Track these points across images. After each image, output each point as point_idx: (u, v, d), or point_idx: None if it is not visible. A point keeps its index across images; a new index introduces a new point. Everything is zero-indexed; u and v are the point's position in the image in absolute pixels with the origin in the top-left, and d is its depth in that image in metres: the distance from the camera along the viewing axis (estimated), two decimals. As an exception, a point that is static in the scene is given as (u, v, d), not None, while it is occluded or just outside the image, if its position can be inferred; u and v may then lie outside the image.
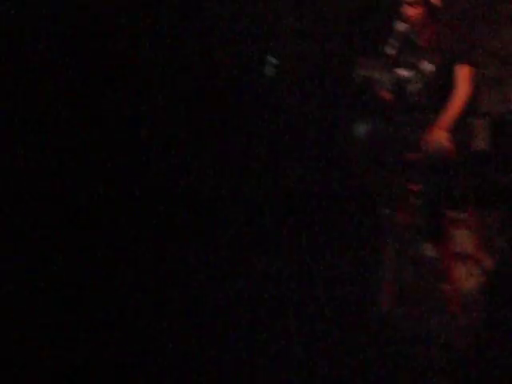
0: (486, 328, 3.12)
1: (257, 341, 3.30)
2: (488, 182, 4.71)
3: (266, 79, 4.27)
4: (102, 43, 4.15)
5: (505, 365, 2.93)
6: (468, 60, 3.92)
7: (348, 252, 4.14)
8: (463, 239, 4.19)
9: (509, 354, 2.96)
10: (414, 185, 3.93)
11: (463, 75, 3.92)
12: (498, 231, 4.47)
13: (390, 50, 3.79)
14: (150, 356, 3.28)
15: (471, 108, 4.06)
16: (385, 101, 3.94)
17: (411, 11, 3.92)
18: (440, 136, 3.78)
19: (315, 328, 3.40)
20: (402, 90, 3.98)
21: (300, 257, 3.93)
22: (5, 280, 3.56)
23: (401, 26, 3.86)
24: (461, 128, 3.93)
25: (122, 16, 4.20)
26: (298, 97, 4.63)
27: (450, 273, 3.86)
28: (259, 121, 4.47)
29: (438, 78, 3.97)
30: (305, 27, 4.91)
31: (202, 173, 4.29)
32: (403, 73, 3.99)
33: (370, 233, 4.41)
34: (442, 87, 3.96)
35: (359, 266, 4.27)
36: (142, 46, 4.27)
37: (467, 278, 4.24)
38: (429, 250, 3.85)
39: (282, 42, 4.66)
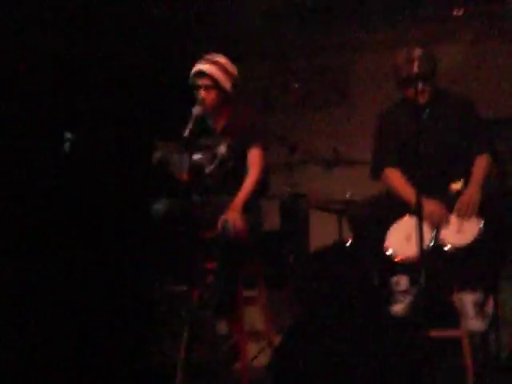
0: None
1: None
2: (278, 261, 4.90)
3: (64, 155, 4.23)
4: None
5: None
6: (259, 144, 4.09)
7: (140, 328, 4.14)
8: (254, 316, 4.31)
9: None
10: (209, 263, 4.01)
11: (254, 158, 4.08)
12: (286, 308, 4.64)
13: (186, 133, 3.87)
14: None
15: (263, 190, 4.23)
16: (182, 182, 4.00)
17: (206, 95, 4.06)
18: (233, 216, 3.88)
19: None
20: (197, 172, 4.07)
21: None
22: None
23: (196, 110, 3.97)
24: (253, 209, 4.07)
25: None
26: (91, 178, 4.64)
27: (241, 350, 3.93)
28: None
29: (230, 160, 4.11)
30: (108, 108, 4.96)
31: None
32: (199, 155, 4.09)
33: (166, 310, 4.43)
34: (234, 169, 4.11)
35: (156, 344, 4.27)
36: None
37: (258, 355, 4.34)
38: (221, 328, 3.89)
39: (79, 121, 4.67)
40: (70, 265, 4.35)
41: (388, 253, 3.76)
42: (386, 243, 3.79)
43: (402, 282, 3.80)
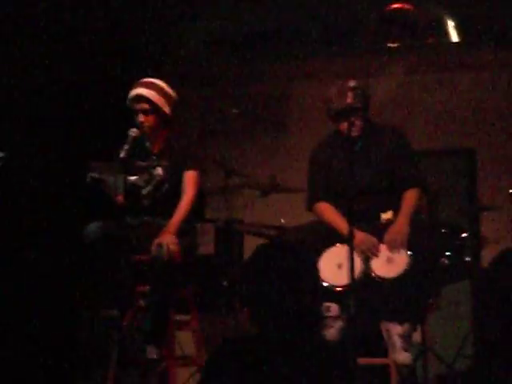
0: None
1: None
2: (211, 285, 4.89)
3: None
4: None
5: None
6: (194, 167, 4.10)
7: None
8: (186, 341, 4.29)
9: None
10: (142, 286, 3.98)
11: (189, 180, 4.08)
12: (218, 333, 4.63)
13: (122, 154, 3.86)
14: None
15: (199, 214, 4.24)
16: (117, 204, 3.97)
17: (144, 118, 4.06)
18: (168, 239, 3.86)
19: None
20: (133, 194, 4.05)
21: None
22: None
23: (133, 132, 3.97)
24: (188, 232, 4.07)
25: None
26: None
27: (171, 375, 3.90)
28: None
29: (167, 182, 4.11)
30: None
31: None
32: (135, 177, 4.08)
33: (96, 333, 4.38)
34: (170, 191, 4.10)
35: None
36: None
37: (188, 380, 4.33)
38: (152, 353, 3.86)
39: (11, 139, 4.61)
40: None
41: (324, 283, 3.79)
42: (320, 271, 3.83)
43: (332, 308, 3.84)
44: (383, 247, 3.87)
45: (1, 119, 4.68)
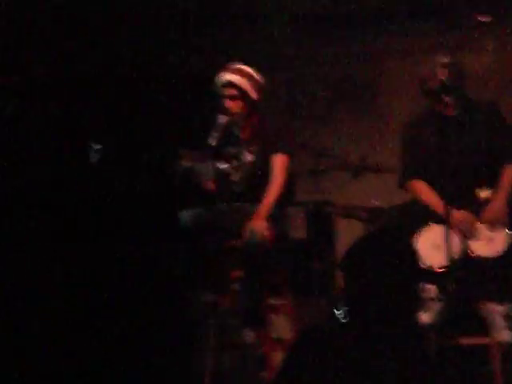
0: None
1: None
2: (304, 270, 4.89)
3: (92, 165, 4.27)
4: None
5: None
6: (283, 150, 4.09)
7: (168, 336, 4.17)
8: (281, 325, 4.30)
9: None
10: (236, 271, 4.01)
11: (278, 164, 4.07)
12: (312, 316, 4.63)
13: (212, 142, 3.88)
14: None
15: (289, 197, 4.23)
16: (207, 191, 4.01)
17: (232, 105, 4.07)
18: (259, 224, 3.87)
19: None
20: (223, 180, 4.08)
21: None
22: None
23: (222, 119, 3.98)
24: (279, 217, 4.07)
25: None
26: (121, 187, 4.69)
27: (268, 359, 3.93)
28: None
29: (257, 168, 4.12)
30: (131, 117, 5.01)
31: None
32: (225, 164, 4.10)
33: (195, 317, 4.45)
34: (261, 177, 4.11)
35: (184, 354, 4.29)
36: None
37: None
38: (248, 336, 3.90)
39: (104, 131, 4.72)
40: (94, 273, 4.40)
41: (422, 264, 3.73)
42: (417, 252, 3.77)
43: (430, 289, 3.78)
44: (482, 226, 3.78)
45: (93, 112, 4.80)
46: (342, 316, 4.02)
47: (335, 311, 4.22)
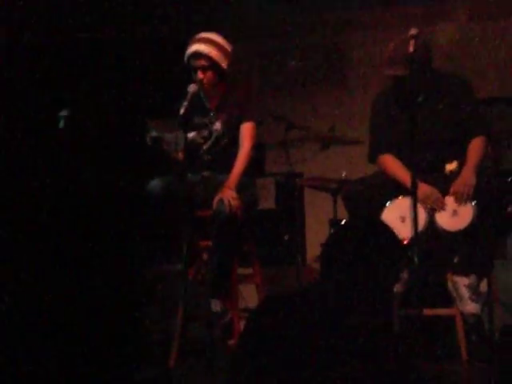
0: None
1: None
2: (273, 239, 4.91)
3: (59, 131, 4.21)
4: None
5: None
6: (250, 118, 4.07)
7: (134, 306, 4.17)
8: (249, 294, 4.33)
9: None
10: (205, 241, 4.02)
11: (246, 132, 4.06)
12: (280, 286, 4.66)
13: (181, 111, 3.85)
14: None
15: (258, 168, 4.23)
16: (176, 160, 3.99)
17: (203, 76, 4.04)
18: (228, 194, 3.87)
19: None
20: (192, 150, 4.06)
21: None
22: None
23: (191, 88, 3.94)
24: (248, 187, 4.07)
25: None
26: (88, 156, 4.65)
27: (235, 327, 3.95)
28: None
29: (225, 136, 4.10)
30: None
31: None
32: (194, 133, 4.08)
33: (163, 287, 4.45)
34: (229, 146, 4.10)
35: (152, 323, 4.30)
36: None
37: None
38: (216, 305, 3.91)
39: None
40: (64, 246, 4.36)
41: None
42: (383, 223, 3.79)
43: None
44: (449, 199, 3.81)
45: (62, 78, 4.73)
46: None
47: None
